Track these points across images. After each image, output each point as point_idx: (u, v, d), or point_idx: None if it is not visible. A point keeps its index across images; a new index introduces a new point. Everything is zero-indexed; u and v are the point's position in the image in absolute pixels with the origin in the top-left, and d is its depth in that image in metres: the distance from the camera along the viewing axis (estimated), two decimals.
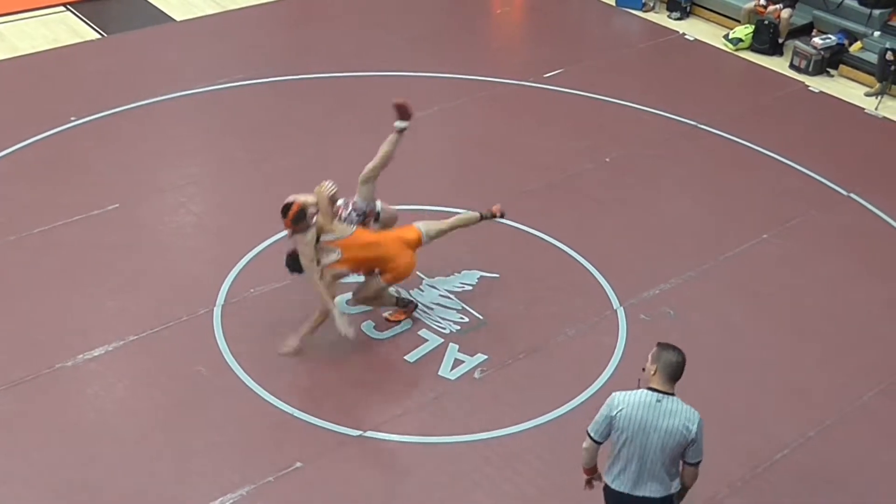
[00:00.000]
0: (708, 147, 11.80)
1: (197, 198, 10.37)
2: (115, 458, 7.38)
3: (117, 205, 10.08)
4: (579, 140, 11.76)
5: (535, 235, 9.98)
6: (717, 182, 11.12)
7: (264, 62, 13.03)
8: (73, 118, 11.51)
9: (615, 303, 9.16)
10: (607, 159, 11.40)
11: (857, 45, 13.86)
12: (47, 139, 11.13)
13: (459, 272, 9.42)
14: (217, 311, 8.72)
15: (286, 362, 8.27)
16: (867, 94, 13.15)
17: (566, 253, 9.77)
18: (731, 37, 14.37)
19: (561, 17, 15.16)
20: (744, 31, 14.35)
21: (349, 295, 8.67)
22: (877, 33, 13.89)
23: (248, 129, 11.62)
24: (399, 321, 8.66)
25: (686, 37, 14.57)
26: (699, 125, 12.16)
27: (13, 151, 10.87)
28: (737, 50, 14.24)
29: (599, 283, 9.38)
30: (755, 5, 14.54)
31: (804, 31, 14.44)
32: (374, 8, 14.79)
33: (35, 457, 7.36)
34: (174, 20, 14.19)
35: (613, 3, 15.45)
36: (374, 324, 8.72)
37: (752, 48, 14.26)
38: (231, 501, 7.07)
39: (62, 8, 14.29)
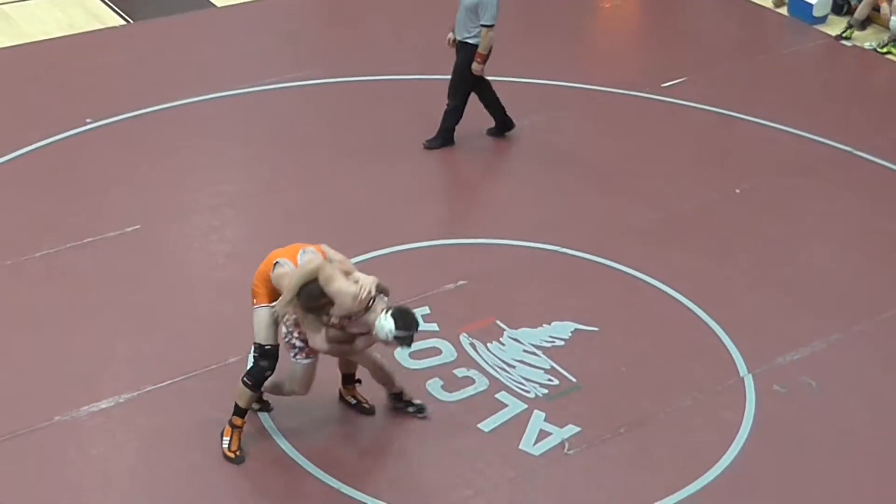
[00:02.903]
0: (864, 178, 11.67)
1: (232, 222, 10.50)
2: None
3: (137, 226, 10.24)
4: (703, 165, 11.70)
5: (645, 281, 9.93)
6: (875, 223, 10.97)
7: (321, 59, 13.19)
8: (88, 120, 11.74)
9: (742, 369, 9.06)
10: (737, 190, 11.32)
11: None
12: (56, 144, 11.36)
13: (549, 324, 9.40)
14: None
15: (332, 426, 8.31)
16: None
17: (683, 304, 9.70)
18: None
19: (687, 15, 15.14)
20: None
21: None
22: None
23: (297, 140, 11.75)
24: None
25: (843, 42, 14.44)
26: (854, 151, 12.03)
27: (15, 157, 11.11)
28: None
29: (723, 343, 9.30)
30: None
31: None
32: None
33: None
34: (214, 5, 14.44)
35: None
36: (441, 382, 8.72)
37: None
38: None
39: None
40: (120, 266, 9.77)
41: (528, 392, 8.72)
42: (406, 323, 7.46)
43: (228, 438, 7.95)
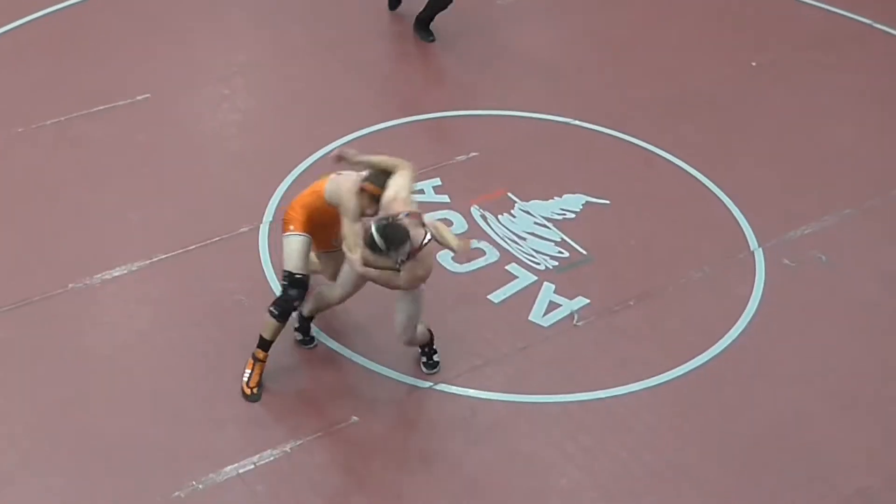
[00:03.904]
0: (882, 52, 11.59)
1: (244, 91, 10.48)
2: (134, 401, 7.57)
3: (147, 95, 10.23)
4: (718, 38, 11.62)
5: (657, 154, 9.94)
6: (892, 98, 10.92)
7: None
8: None
9: (753, 243, 9.10)
10: (753, 63, 11.25)
11: None
12: (65, 11, 11.29)
13: (560, 196, 9.43)
14: (263, 230, 8.85)
15: None
16: None
17: (695, 178, 9.72)
18: None
19: None
20: None
21: None
22: None
23: (311, 9, 11.66)
24: None
25: None
26: (874, 24, 11.92)
27: (24, 24, 11.06)
28: None
29: (734, 217, 9.34)
30: None
31: None
32: None
33: (38, 394, 7.57)
34: None
35: None
36: (452, 253, 8.78)
37: None
38: (272, 458, 7.24)
39: None
40: (131, 135, 9.78)
41: (538, 264, 8.79)
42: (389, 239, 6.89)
43: (249, 371, 7.60)
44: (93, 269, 8.45)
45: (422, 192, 9.26)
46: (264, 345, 7.57)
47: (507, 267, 8.72)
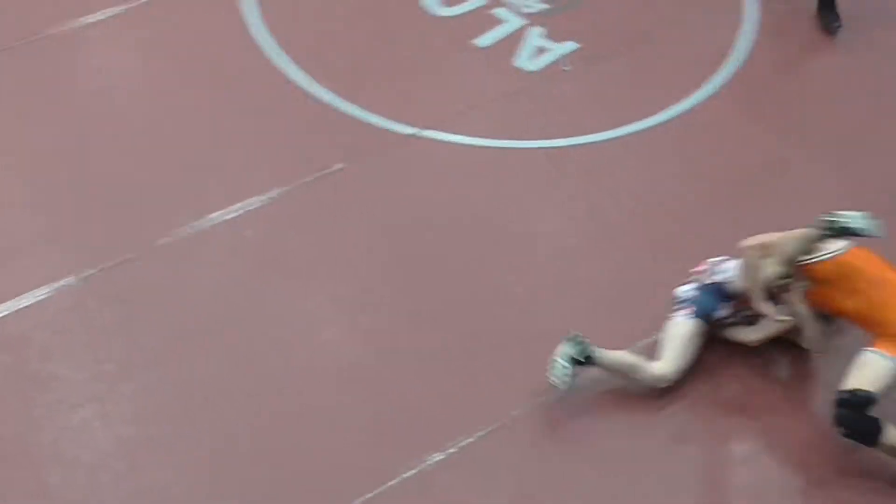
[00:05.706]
0: None
1: None
2: (125, 144, 7.66)
3: None
4: None
5: None
6: None
7: None
8: None
9: None
10: None
11: None
12: None
13: None
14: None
15: (328, 39, 8.39)
16: None
17: None
18: None
19: None
20: None
21: None
22: None
23: None
24: None
25: None
26: None
27: None
28: None
29: None
30: None
31: None
32: None
33: (30, 139, 7.65)
34: None
35: None
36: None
37: None
38: (259, 204, 7.36)
39: None
40: None
41: (527, 6, 8.71)
42: None
43: None
44: (73, 13, 8.41)
45: None
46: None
47: (493, 11, 8.66)
